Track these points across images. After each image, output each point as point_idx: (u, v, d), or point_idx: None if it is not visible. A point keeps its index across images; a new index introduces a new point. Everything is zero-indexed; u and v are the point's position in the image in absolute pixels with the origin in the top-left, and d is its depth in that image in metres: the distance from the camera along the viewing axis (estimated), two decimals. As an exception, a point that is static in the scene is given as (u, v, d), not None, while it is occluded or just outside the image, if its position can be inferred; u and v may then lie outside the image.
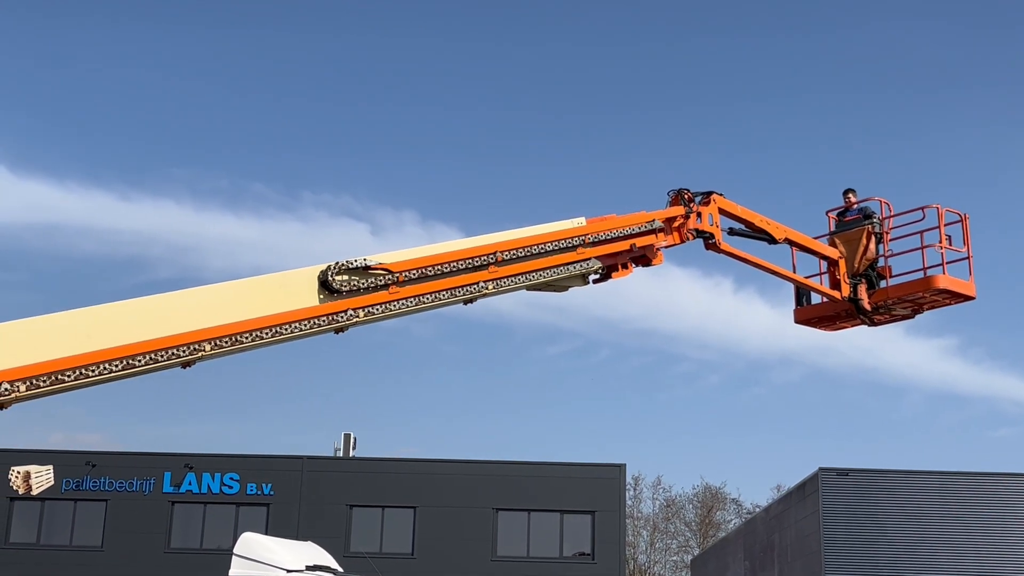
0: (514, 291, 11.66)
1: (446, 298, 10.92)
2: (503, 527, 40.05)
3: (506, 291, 11.52)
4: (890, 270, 15.15)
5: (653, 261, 12.70)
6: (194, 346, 9.16)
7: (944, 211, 15.14)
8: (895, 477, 35.66)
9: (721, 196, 13.41)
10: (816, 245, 14.98)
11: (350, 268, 10.00)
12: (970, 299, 15.08)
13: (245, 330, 9.45)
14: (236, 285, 9.55)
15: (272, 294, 9.63)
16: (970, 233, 15.27)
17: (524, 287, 11.72)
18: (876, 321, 15.27)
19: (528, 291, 11.91)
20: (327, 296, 9.92)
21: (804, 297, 15.58)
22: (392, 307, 10.49)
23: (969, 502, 34.91)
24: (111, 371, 8.76)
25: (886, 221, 15.37)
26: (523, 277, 11.55)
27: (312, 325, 9.94)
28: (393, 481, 40.53)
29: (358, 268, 10.05)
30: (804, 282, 15.01)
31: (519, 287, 11.63)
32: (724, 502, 78.42)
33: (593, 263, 12.14)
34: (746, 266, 13.86)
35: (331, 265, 9.92)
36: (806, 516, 36.90)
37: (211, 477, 40.17)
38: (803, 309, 15.66)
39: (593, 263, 12.14)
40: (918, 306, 15.11)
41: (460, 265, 10.83)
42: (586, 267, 12.07)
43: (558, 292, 12.26)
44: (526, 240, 11.43)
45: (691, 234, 13.03)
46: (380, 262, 10.20)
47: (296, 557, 19.98)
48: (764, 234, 13.97)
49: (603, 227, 12.19)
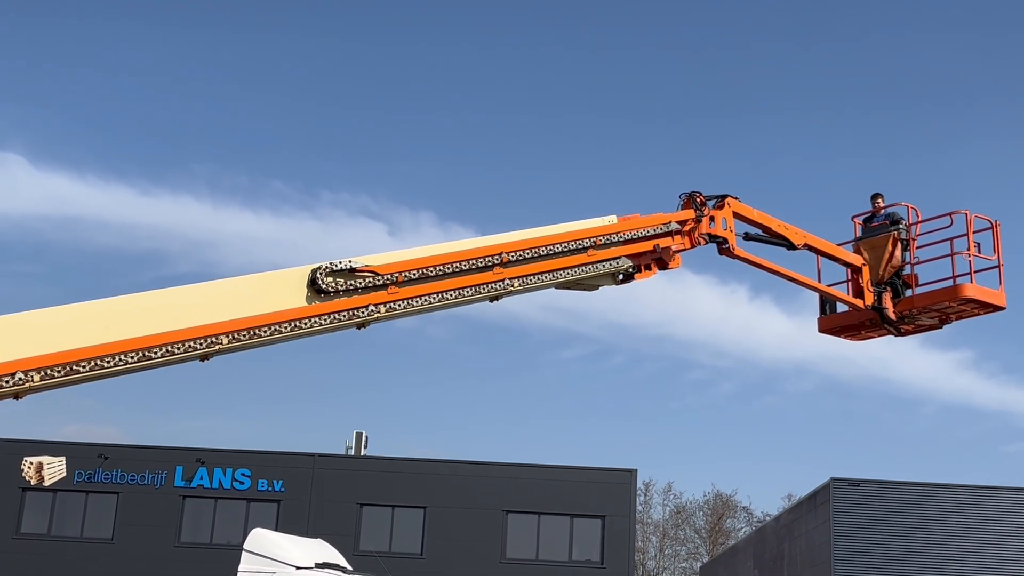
0: (542, 289, 11.53)
1: (471, 295, 10.83)
2: (513, 529, 40.01)
3: (533, 289, 11.40)
4: (916, 278, 14.60)
5: (670, 264, 12.42)
6: (211, 339, 9.16)
7: (973, 217, 14.58)
8: (907, 489, 35.53)
9: (736, 200, 13.00)
10: (838, 251, 14.42)
11: (335, 270, 9.85)
12: (1000, 309, 14.51)
13: (263, 324, 9.46)
14: (238, 281, 9.48)
15: (269, 292, 9.55)
16: (1001, 240, 14.68)
17: (553, 285, 11.58)
18: (903, 331, 14.71)
19: (557, 289, 11.77)
20: (314, 296, 9.79)
21: (828, 305, 15.03)
22: (415, 303, 10.40)
23: (981, 516, 34.76)
24: (126, 363, 8.77)
25: (913, 227, 14.82)
26: (551, 275, 11.41)
27: (333, 320, 9.91)
28: (404, 481, 40.53)
29: (343, 270, 9.90)
30: (824, 289, 14.44)
31: (547, 285, 11.50)
32: (734, 510, 78.25)
33: (624, 262, 11.98)
34: (762, 274, 13.42)
35: (319, 267, 9.79)
36: (817, 526, 36.79)
37: (222, 472, 40.23)
38: (827, 318, 15.12)
39: (624, 262, 11.98)
40: (945, 316, 14.50)
41: (452, 268, 10.62)
42: (616, 266, 11.94)
43: (588, 291, 12.13)
44: (536, 241, 11.26)
45: (703, 238, 12.66)
46: (367, 264, 10.03)
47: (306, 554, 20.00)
48: (782, 239, 13.50)
49: (629, 227, 12.05)
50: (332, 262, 9.84)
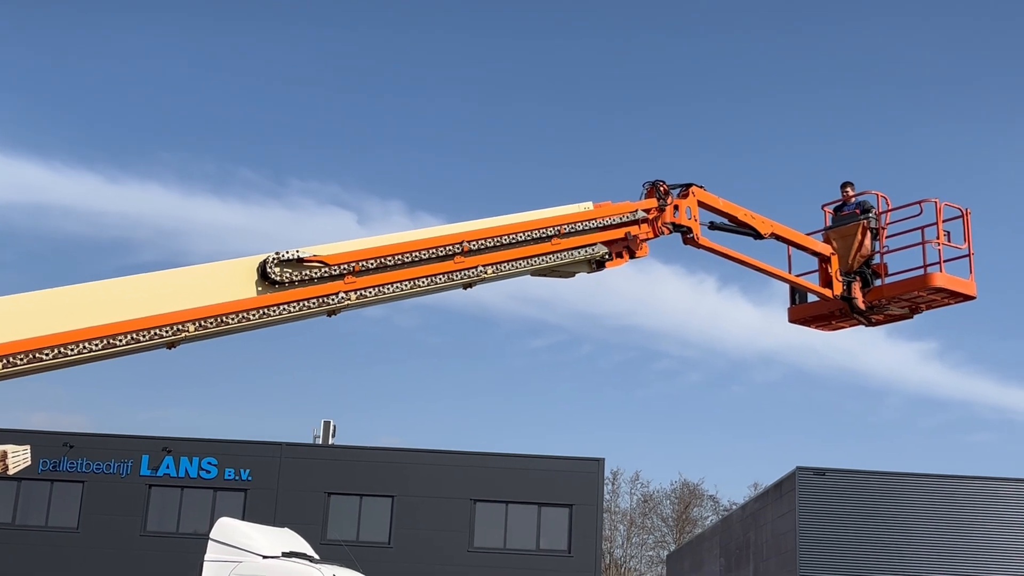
0: (518, 275, 11.45)
1: (443, 282, 10.73)
2: (480, 518, 40.04)
3: (508, 276, 11.32)
4: (886, 267, 14.41)
5: (638, 253, 12.31)
6: (177, 326, 9.09)
7: (943, 206, 14.38)
8: (872, 478, 35.80)
9: (701, 189, 12.83)
10: (806, 240, 14.22)
11: (284, 260, 9.69)
12: (970, 299, 14.28)
13: (227, 312, 9.38)
14: (190, 271, 9.35)
15: (221, 282, 9.41)
16: (971, 229, 14.46)
17: (528, 272, 11.50)
18: (873, 321, 14.55)
19: (533, 276, 11.68)
20: (266, 286, 9.64)
21: (798, 296, 14.81)
22: (387, 290, 10.31)
23: (945, 505, 35.08)
24: (91, 351, 8.69)
25: (883, 216, 14.62)
26: (525, 262, 11.32)
27: (301, 308, 9.82)
28: (371, 470, 40.47)
29: (291, 260, 9.74)
30: (791, 279, 14.27)
31: (522, 271, 11.41)
32: (701, 499, 78.66)
33: (599, 248, 11.90)
34: (730, 264, 13.25)
35: (268, 257, 9.64)
36: (782, 515, 37.03)
37: (189, 461, 40.03)
38: (797, 308, 14.93)
39: (599, 248, 11.90)
40: (915, 305, 14.35)
41: (414, 256, 10.47)
42: (591, 252, 11.87)
43: (564, 278, 12.07)
44: (503, 229, 11.13)
45: (667, 228, 12.51)
46: (315, 254, 9.88)
47: (272, 543, 19.95)
48: (748, 229, 13.29)
49: (602, 214, 11.96)
50: (279, 252, 9.69)
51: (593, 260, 11.98)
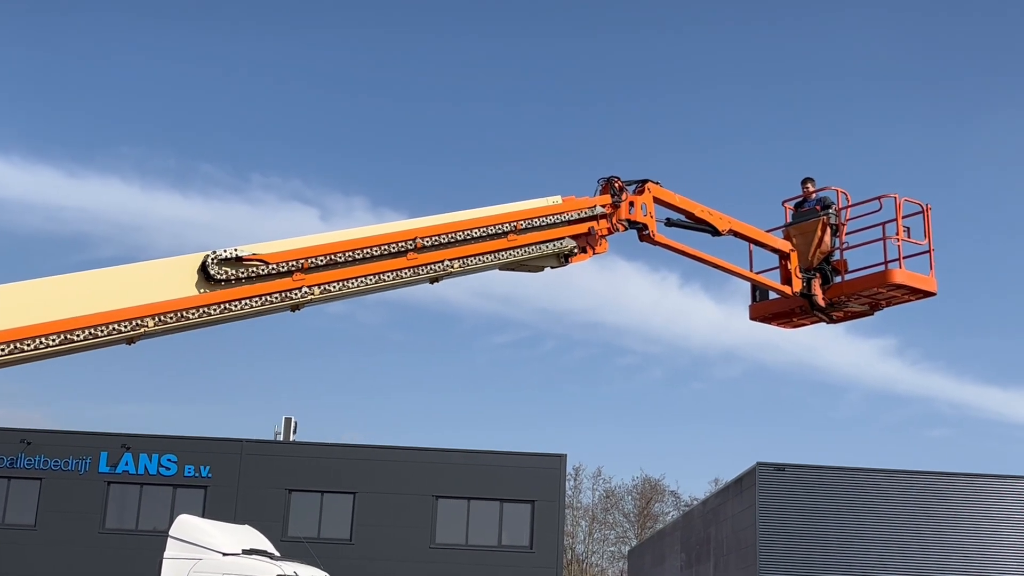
0: (485, 270, 11.35)
1: (409, 276, 10.63)
2: (442, 515, 40.00)
3: (475, 270, 11.21)
4: (846, 264, 14.34)
5: (598, 248, 12.22)
6: (136, 322, 8.98)
7: (903, 201, 14.31)
8: (831, 474, 36.05)
9: (657, 185, 12.66)
10: (764, 237, 14.10)
11: (223, 259, 9.49)
12: (931, 295, 14.21)
13: (190, 306, 9.28)
14: (131, 268, 9.19)
15: (164, 279, 9.23)
16: (932, 225, 14.39)
17: (497, 266, 11.39)
18: (834, 318, 14.47)
19: (501, 270, 11.58)
20: (210, 284, 9.45)
21: (760, 293, 14.69)
22: (351, 285, 10.21)
23: (904, 500, 35.40)
24: (48, 346, 8.58)
25: (842, 212, 14.53)
26: (492, 256, 11.23)
27: (264, 302, 9.71)
28: (333, 466, 40.33)
29: (231, 259, 9.54)
30: (749, 275, 14.12)
31: (490, 266, 11.31)
32: (662, 494, 79.03)
33: (568, 242, 11.83)
34: (692, 261, 13.08)
35: (208, 255, 9.45)
36: (742, 510, 37.23)
37: (148, 458, 39.73)
38: (758, 305, 14.84)
39: (568, 242, 11.83)
40: (876, 302, 14.27)
41: (365, 253, 10.31)
42: (560, 246, 11.79)
43: (533, 272, 11.98)
44: (447, 226, 10.96)
45: (622, 224, 12.36)
46: (254, 252, 9.67)
47: (232, 540, 19.85)
48: (706, 225, 13.14)
49: (567, 208, 11.89)
50: (217, 251, 9.51)
51: (561, 254, 11.91)
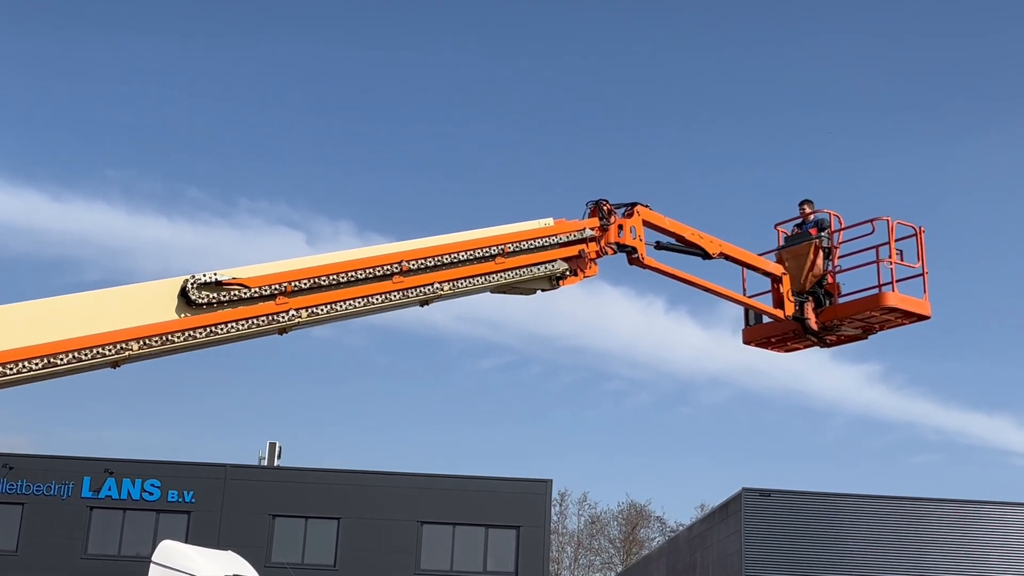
0: (477, 292, 11.26)
1: (398, 299, 10.54)
2: (427, 540, 39.85)
3: (466, 293, 11.13)
4: (838, 287, 14.22)
5: (587, 271, 12.12)
6: (120, 345, 8.91)
7: (895, 224, 14.17)
8: (817, 499, 36.04)
9: (647, 208, 12.55)
10: (756, 260, 13.95)
11: (203, 283, 9.34)
12: (924, 318, 14.04)
13: (174, 330, 9.22)
14: (111, 293, 9.06)
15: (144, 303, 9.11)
16: (925, 248, 14.27)
17: (488, 288, 11.31)
18: (827, 342, 14.35)
19: (493, 293, 11.50)
20: (190, 308, 9.31)
21: (753, 316, 14.56)
22: (340, 307, 10.14)
23: (889, 526, 35.40)
24: (31, 370, 8.51)
25: (835, 235, 14.43)
26: (483, 279, 11.15)
27: (250, 325, 9.65)
28: (317, 491, 40.17)
29: (211, 283, 9.39)
30: (741, 299, 13.99)
31: (482, 288, 11.23)
32: (648, 520, 78.83)
33: (560, 264, 11.75)
34: (678, 285, 12.96)
35: (188, 279, 9.32)
36: (728, 536, 37.17)
37: (131, 483, 39.53)
38: (751, 329, 14.70)
39: (560, 264, 11.75)
40: (869, 326, 14.14)
41: (348, 277, 10.20)
42: (552, 269, 11.73)
43: (524, 295, 11.89)
44: (435, 249, 10.85)
45: (611, 248, 12.24)
46: (234, 276, 9.53)
47: (215, 566, 19.73)
48: (697, 249, 12.99)
49: (557, 231, 11.81)
50: (197, 275, 9.39)
51: (553, 276, 11.84)
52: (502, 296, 11.89)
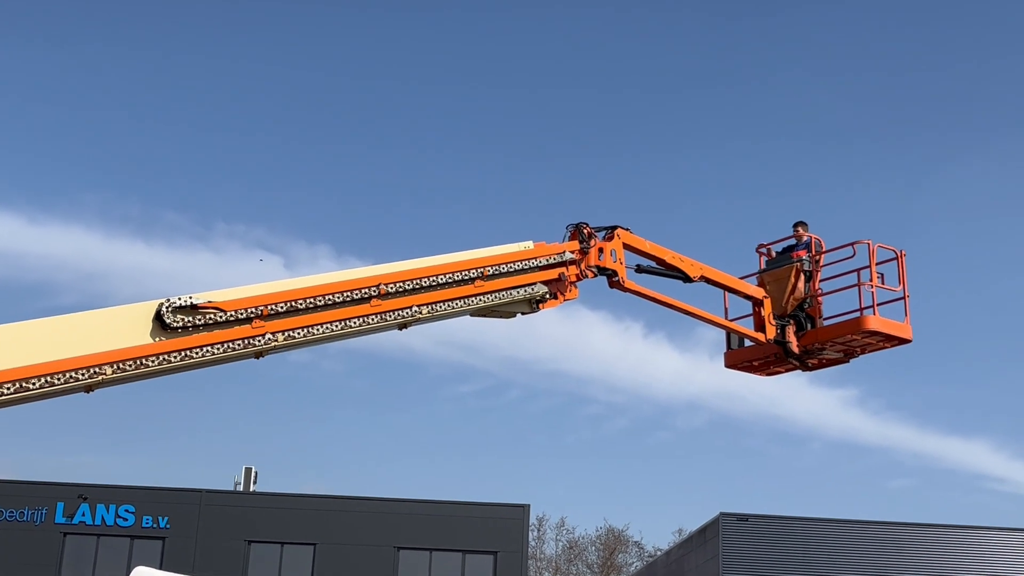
0: (455, 316, 11.17)
1: (376, 322, 10.44)
2: (404, 566, 39.58)
3: (445, 316, 11.03)
4: (820, 311, 14.20)
5: (567, 294, 12.05)
6: (94, 369, 8.80)
7: (876, 247, 14.20)
8: (794, 524, 36.04)
9: (627, 231, 12.54)
10: (737, 283, 13.92)
11: (178, 307, 9.23)
12: (906, 342, 14.09)
13: (148, 354, 9.11)
14: (83, 316, 8.92)
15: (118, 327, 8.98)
16: (906, 271, 14.30)
17: (467, 312, 11.24)
18: (809, 365, 14.33)
19: (473, 316, 11.43)
20: (165, 332, 9.19)
21: (735, 340, 14.56)
22: (317, 331, 10.03)
23: (867, 551, 35.41)
24: (2, 395, 8.39)
25: (816, 259, 14.43)
26: (462, 302, 11.06)
27: (228, 348, 9.53)
28: (293, 517, 39.88)
29: (186, 307, 9.28)
30: (722, 323, 13.93)
31: (460, 312, 11.15)
32: (626, 545, 78.56)
33: (539, 288, 11.69)
34: (656, 310, 12.98)
35: (163, 302, 9.22)
36: (706, 560, 37.08)
37: (105, 508, 39.15)
38: (733, 353, 14.68)
39: (539, 288, 11.69)
40: (851, 349, 14.15)
41: (326, 300, 10.10)
42: (532, 292, 11.66)
43: (505, 318, 11.79)
44: (411, 273, 10.75)
45: (591, 271, 12.19)
46: (210, 300, 9.44)
47: (191, 593, 19.53)
48: (678, 272, 12.98)
49: (537, 253, 11.76)
50: (172, 298, 9.28)
51: (533, 300, 11.78)
52: (480, 320, 11.82)
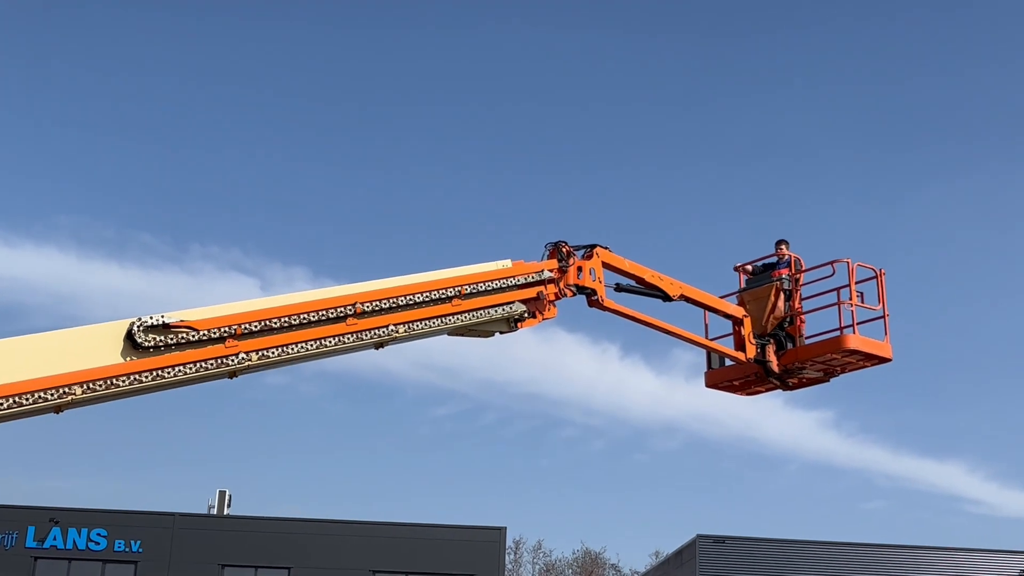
0: (433, 335, 11.06)
1: (352, 342, 10.32)
2: (380, 589, 39.36)
3: (423, 335, 10.92)
4: (800, 330, 14.14)
5: (546, 313, 11.98)
6: (63, 389, 8.66)
7: (856, 266, 14.12)
8: (771, 546, 36.04)
9: (606, 250, 12.47)
10: (717, 302, 13.89)
11: (150, 326, 9.08)
12: (886, 361, 14.05)
13: (119, 374, 8.98)
14: (54, 336, 8.76)
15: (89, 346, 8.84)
16: (886, 290, 14.25)
17: (446, 331, 11.13)
18: (790, 385, 14.26)
19: (451, 336, 11.32)
20: (136, 351, 9.03)
21: (716, 360, 14.45)
22: (291, 350, 9.89)
23: (842, 572, 35.41)
24: (-32, 416, 8.28)
25: (796, 277, 14.37)
26: (440, 321, 10.97)
27: (201, 368, 9.38)
28: (268, 540, 39.57)
29: (158, 326, 9.13)
30: (702, 342, 13.88)
31: (438, 331, 11.04)
32: (603, 567, 78.42)
33: (518, 306, 11.61)
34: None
35: (134, 321, 9.06)
36: (684, 583, 37.03)
37: (77, 532, 38.77)
38: (713, 372, 14.58)
39: (518, 306, 11.61)
40: (831, 368, 14.07)
41: (301, 319, 9.96)
42: (510, 311, 11.58)
43: (483, 337, 11.72)
44: (388, 291, 10.65)
45: (570, 290, 12.13)
46: (182, 319, 9.29)
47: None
48: (657, 291, 12.91)
49: (516, 272, 11.68)
50: (144, 317, 9.14)
51: (511, 319, 11.69)
52: (457, 343, 11.74)
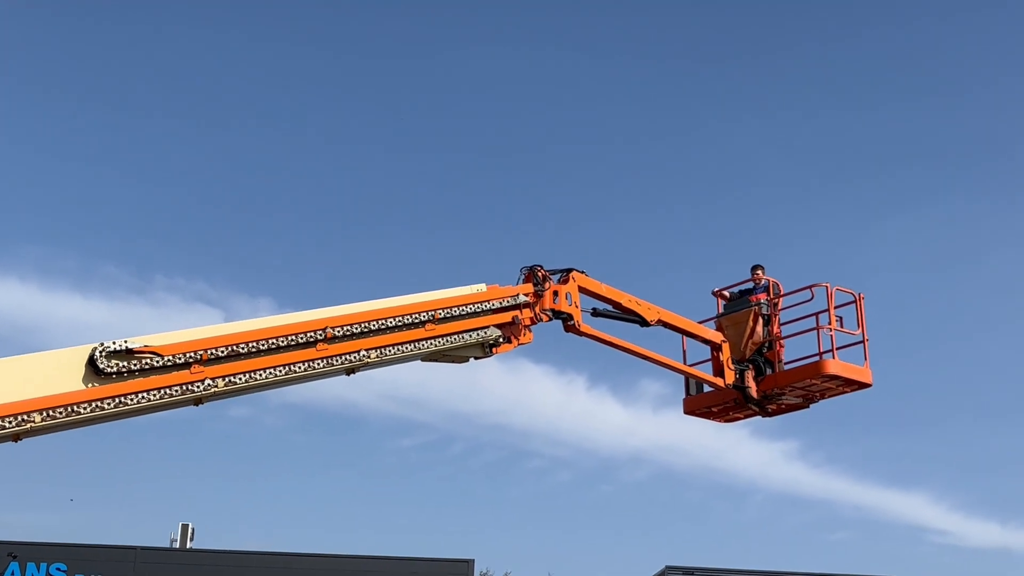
0: (406, 360, 10.85)
1: (322, 367, 10.02)
2: (345, 624, 38.77)
3: (395, 361, 10.71)
4: (778, 355, 14.02)
5: (522, 338, 11.80)
6: (22, 417, 8.30)
7: (834, 291, 14.03)
8: (739, 577, 35.84)
9: (582, 274, 12.38)
10: (695, 328, 13.75)
11: (113, 351, 8.83)
12: (866, 386, 13.94)
13: (80, 401, 8.62)
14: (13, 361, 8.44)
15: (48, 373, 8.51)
16: (865, 314, 14.13)
17: (418, 356, 10.93)
18: (769, 411, 14.15)
19: (424, 361, 11.12)
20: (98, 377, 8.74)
21: (694, 386, 14.32)
22: (259, 376, 9.60)
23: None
24: (-79, 444, 7.92)
25: (775, 302, 14.29)
26: (413, 346, 10.74)
27: (165, 395, 9.04)
28: (232, 574, 38.90)
29: (121, 351, 8.86)
30: (680, 367, 13.71)
31: (411, 356, 10.83)
32: (570, 600, 77.93)
33: (493, 331, 11.41)
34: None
35: (96, 347, 8.81)
36: (654, 616, 36.74)
37: (36, 567, 37.91)
38: (692, 399, 14.46)
39: (493, 331, 11.41)
40: (811, 394, 13.97)
41: (269, 344, 9.72)
42: (485, 335, 11.37)
43: (457, 363, 11.53)
44: (359, 316, 10.43)
45: (546, 314, 11.99)
46: (146, 344, 9.03)
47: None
48: (634, 316, 12.78)
49: (490, 296, 11.46)
50: (107, 342, 8.86)
51: (486, 344, 11.47)
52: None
